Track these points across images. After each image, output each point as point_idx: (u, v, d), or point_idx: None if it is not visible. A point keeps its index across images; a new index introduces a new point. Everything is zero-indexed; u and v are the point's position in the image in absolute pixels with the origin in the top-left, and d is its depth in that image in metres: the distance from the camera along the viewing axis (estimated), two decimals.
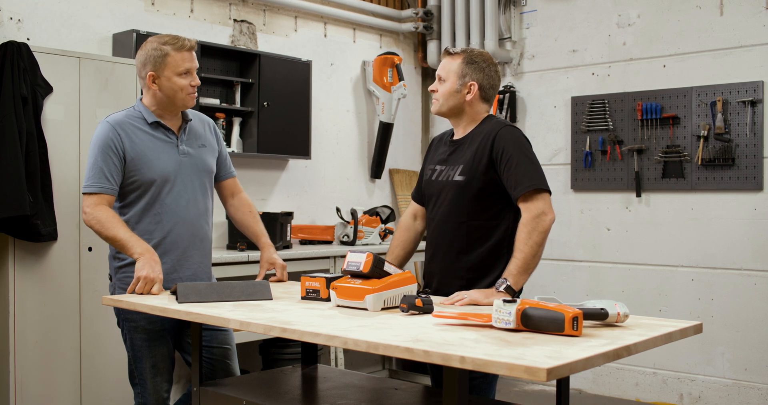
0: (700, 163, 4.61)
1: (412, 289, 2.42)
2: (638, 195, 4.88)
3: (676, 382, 4.75)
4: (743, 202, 4.52)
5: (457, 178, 2.64)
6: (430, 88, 2.74)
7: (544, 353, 1.69)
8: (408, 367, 5.50)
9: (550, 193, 2.55)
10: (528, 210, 2.50)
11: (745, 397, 4.50)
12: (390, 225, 5.12)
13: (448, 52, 2.71)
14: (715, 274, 4.63)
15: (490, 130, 2.63)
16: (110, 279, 2.86)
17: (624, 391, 4.95)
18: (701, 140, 4.60)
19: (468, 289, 2.51)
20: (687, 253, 4.73)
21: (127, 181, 2.74)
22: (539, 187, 2.51)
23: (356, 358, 5.19)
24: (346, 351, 4.74)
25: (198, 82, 2.79)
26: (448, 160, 2.72)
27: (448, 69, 2.68)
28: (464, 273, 2.62)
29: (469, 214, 2.63)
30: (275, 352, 4.29)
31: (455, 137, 2.77)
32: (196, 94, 2.82)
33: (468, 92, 2.67)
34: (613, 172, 4.97)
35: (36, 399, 3.33)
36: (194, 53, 2.80)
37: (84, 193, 2.70)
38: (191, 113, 2.91)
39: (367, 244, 4.92)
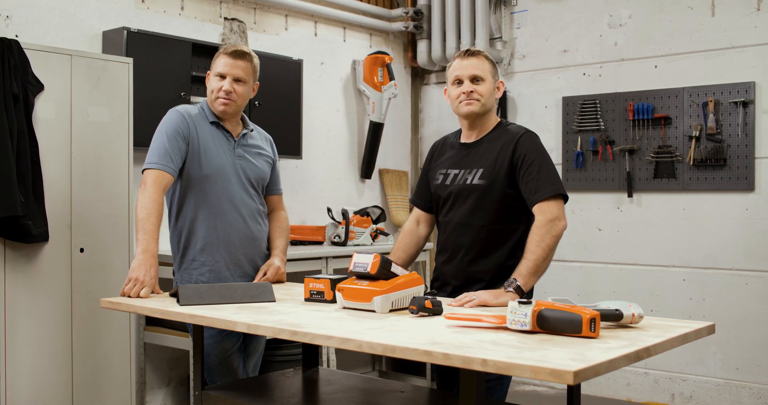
0: (691, 163, 4.62)
1: (419, 290, 2.39)
2: (630, 195, 4.88)
3: (668, 382, 4.76)
4: (735, 202, 4.54)
5: (477, 181, 2.63)
6: (468, 89, 2.65)
7: (566, 355, 1.67)
8: (399, 368, 5.47)
9: (566, 200, 2.56)
10: (543, 213, 2.50)
11: (737, 397, 4.52)
12: (380, 225, 5.08)
13: (472, 53, 2.68)
14: (706, 274, 4.64)
15: (511, 135, 2.64)
16: (173, 274, 2.95)
17: (615, 391, 4.96)
18: (693, 140, 4.61)
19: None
20: (679, 253, 4.74)
21: (185, 172, 2.82)
22: (559, 192, 2.53)
23: (347, 359, 5.15)
24: (338, 352, 4.69)
25: (228, 88, 2.85)
26: (462, 164, 2.70)
27: (483, 68, 2.67)
28: (483, 275, 2.61)
29: (490, 218, 2.62)
30: (269, 354, 4.22)
31: (466, 140, 2.75)
32: (228, 102, 2.86)
33: (498, 91, 2.70)
34: (605, 172, 4.97)
35: (27, 401, 3.26)
36: (240, 62, 2.86)
37: (146, 169, 2.75)
38: (254, 126, 3.06)
39: (358, 245, 4.88)
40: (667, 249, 4.78)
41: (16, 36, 3.60)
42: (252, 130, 3.02)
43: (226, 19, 4.61)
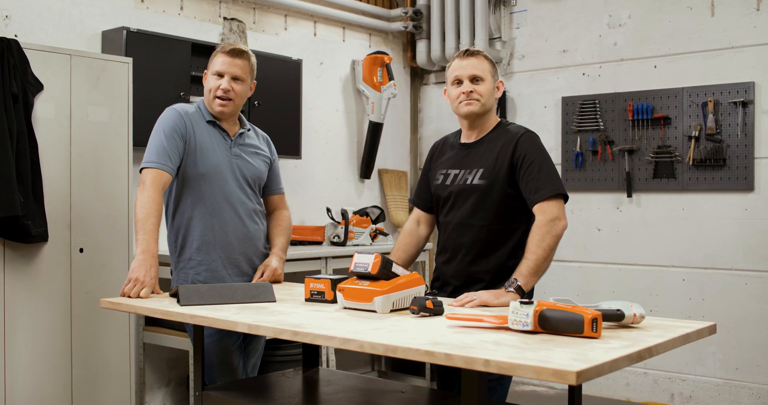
0: (691, 163, 4.63)
1: (420, 290, 2.39)
2: (629, 195, 4.88)
3: (667, 382, 4.76)
4: (734, 202, 4.54)
5: (478, 181, 2.62)
6: (468, 89, 2.65)
7: (568, 356, 1.67)
8: (398, 368, 5.46)
9: (566, 200, 2.56)
10: (543, 213, 2.50)
11: (736, 397, 4.52)
12: (380, 225, 5.08)
13: (471, 53, 2.68)
14: (706, 274, 4.65)
15: (511, 135, 2.64)
16: (171, 273, 2.94)
17: (615, 391, 4.96)
18: (692, 141, 4.61)
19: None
20: (678, 253, 4.74)
21: (182, 170, 2.81)
22: (560, 192, 2.53)
23: (346, 359, 5.15)
24: (337, 352, 4.69)
25: (226, 86, 2.85)
26: (462, 164, 2.70)
27: (482, 68, 2.66)
28: (483, 275, 2.61)
29: (490, 218, 2.62)
30: (268, 354, 4.22)
31: (466, 140, 2.75)
32: (226, 103, 2.86)
33: (497, 91, 2.69)
34: (604, 172, 4.97)
35: (26, 401, 3.25)
36: (238, 60, 2.86)
37: (144, 168, 2.74)
38: (252, 126, 3.05)
39: (357, 245, 4.88)
40: (667, 249, 4.78)
41: (16, 36, 3.60)
42: (249, 130, 3.01)
43: (225, 18, 4.60)
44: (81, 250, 3.43)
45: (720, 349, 4.57)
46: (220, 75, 2.85)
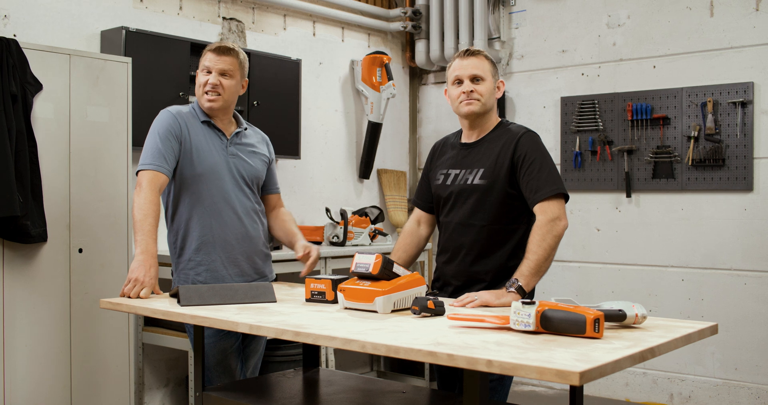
0: (690, 163, 4.63)
1: (421, 290, 2.39)
2: (628, 195, 4.88)
3: (667, 382, 4.77)
4: (733, 202, 4.54)
5: (478, 181, 2.62)
6: (468, 89, 2.64)
7: (571, 356, 1.66)
8: (397, 368, 5.46)
9: (567, 199, 2.56)
10: (544, 213, 2.50)
11: (735, 397, 4.52)
12: (379, 225, 5.07)
13: (472, 53, 2.68)
14: (705, 274, 4.65)
15: (512, 135, 2.64)
16: (171, 274, 2.93)
17: (614, 391, 4.96)
18: (692, 141, 4.61)
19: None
20: (677, 253, 4.74)
21: (179, 171, 2.81)
22: (561, 191, 2.53)
23: (345, 359, 5.14)
24: (336, 352, 4.69)
25: (214, 81, 2.84)
26: (463, 164, 2.70)
27: (483, 68, 2.66)
28: (484, 276, 2.61)
29: (491, 218, 2.62)
30: (267, 354, 4.21)
31: (466, 140, 2.75)
32: (215, 98, 2.85)
33: (498, 91, 2.69)
34: (603, 172, 4.97)
35: (26, 401, 3.24)
36: (226, 57, 2.87)
37: (141, 170, 2.74)
38: (249, 125, 3.05)
39: (357, 245, 4.88)
40: (666, 249, 4.78)
41: (15, 35, 3.59)
42: (246, 129, 3.00)
43: (224, 18, 4.60)
44: (80, 251, 3.42)
45: (719, 349, 4.57)
46: (209, 71, 2.86)
